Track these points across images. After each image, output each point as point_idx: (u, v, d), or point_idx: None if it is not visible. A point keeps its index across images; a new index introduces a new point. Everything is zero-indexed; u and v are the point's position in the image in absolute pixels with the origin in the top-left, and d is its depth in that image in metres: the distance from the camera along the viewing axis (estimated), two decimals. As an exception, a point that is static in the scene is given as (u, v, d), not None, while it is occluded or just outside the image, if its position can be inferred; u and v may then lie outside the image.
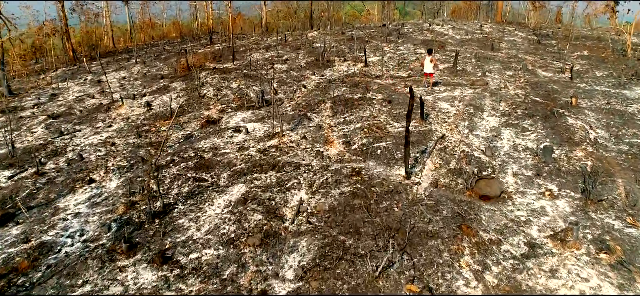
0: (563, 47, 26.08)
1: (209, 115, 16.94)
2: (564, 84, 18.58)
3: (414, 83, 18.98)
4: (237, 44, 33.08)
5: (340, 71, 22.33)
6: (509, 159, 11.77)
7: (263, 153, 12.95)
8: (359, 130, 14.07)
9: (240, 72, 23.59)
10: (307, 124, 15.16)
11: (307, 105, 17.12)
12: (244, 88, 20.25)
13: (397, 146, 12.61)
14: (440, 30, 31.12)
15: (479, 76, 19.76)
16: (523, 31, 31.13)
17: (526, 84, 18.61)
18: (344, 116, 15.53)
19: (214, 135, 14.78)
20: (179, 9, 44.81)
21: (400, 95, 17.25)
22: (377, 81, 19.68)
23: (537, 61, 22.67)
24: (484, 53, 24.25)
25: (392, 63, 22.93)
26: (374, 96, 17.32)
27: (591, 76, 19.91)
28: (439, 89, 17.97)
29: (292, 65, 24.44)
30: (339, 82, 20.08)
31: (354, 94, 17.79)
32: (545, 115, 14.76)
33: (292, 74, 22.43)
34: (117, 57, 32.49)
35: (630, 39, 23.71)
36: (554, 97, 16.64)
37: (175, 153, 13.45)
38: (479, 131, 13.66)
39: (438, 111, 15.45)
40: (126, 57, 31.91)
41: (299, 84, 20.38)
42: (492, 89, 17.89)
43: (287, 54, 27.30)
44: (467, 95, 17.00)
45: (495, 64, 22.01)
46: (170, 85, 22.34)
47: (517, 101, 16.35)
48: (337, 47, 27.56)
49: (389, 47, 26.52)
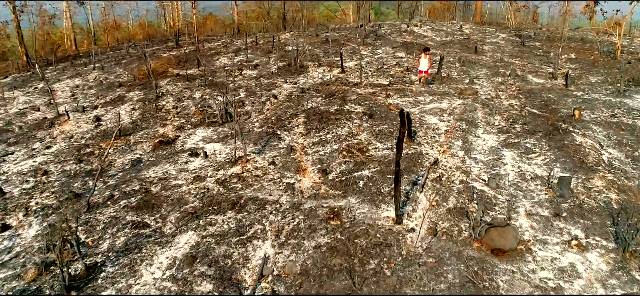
0: (548, 49, 24.15)
1: (164, 133, 14.34)
2: (560, 92, 16.52)
3: (396, 92, 16.70)
4: (205, 47, 30.36)
5: (315, 77, 19.92)
6: (517, 192, 9.53)
7: (222, 185, 10.47)
8: (337, 153, 11.70)
9: (206, 79, 20.98)
10: (276, 144, 12.72)
11: (277, 120, 14.67)
12: (207, 99, 17.69)
13: (383, 175, 10.28)
14: (419, 31, 28.92)
15: (467, 84, 17.58)
16: (504, 32, 29.15)
17: (519, 92, 16.49)
18: (319, 134, 13.13)
19: (167, 160, 12.23)
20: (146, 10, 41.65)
21: (382, 107, 14.93)
22: (355, 89, 17.33)
23: (525, 65, 20.63)
24: (468, 56, 22.12)
25: (370, 68, 20.61)
26: (352, 108, 14.97)
27: (586, 82, 17.92)
28: (425, 100, 15.71)
29: (262, 71, 21.93)
30: (313, 91, 17.67)
31: (331, 105, 15.42)
32: (548, 131, 12.61)
33: (262, 81, 19.93)
34: (75, 62, 29.46)
35: (620, 41, 21.87)
36: (552, 109, 14.53)
37: (117, 185, 10.86)
38: (476, 153, 11.42)
39: (426, 127, 13.17)
40: (86, 61, 28.89)
41: (268, 93, 17.90)
42: (483, 99, 15.71)
43: (257, 59, 24.75)
44: (457, 107, 14.77)
45: (481, 69, 19.88)
46: (126, 95, 19.60)
47: (513, 113, 14.18)
48: (312, 51, 25.12)
49: (367, 51, 24.21)
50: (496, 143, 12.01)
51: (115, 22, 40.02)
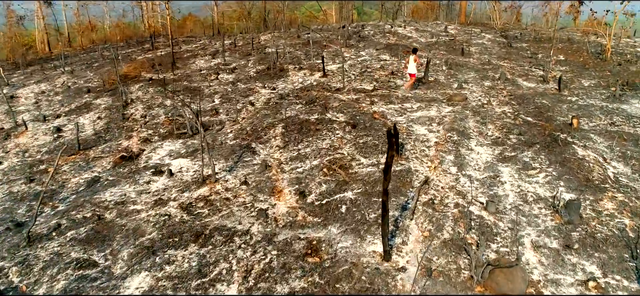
0: (536, 50, 23.10)
1: (128, 147, 12.88)
2: (553, 97, 15.39)
3: (381, 98, 15.42)
4: (182, 49, 28.81)
5: (295, 82, 18.56)
6: (520, 218, 8.29)
7: (187, 211, 9.08)
8: (317, 170, 10.37)
9: (180, 84, 19.50)
10: (250, 160, 11.35)
11: (252, 130, 13.29)
12: (180, 106, 16.24)
13: (369, 197, 8.98)
14: (403, 32, 27.69)
15: (455, 89, 16.38)
16: (490, 33, 28.08)
17: (510, 98, 15.32)
18: (298, 148, 11.79)
19: (127, 179, 10.78)
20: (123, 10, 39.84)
21: (366, 116, 13.64)
22: (337, 95, 16.02)
23: (514, 68, 19.51)
24: (454, 59, 20.94)
25: (353, 72, 19.32)
26: (334, 117, 13.66)
27: (578, 86, 16.84)
28: (412, 107, 14.45)
29: (240, 75, 20.50)
30: (293, 97, 16.31)
31: (311, 114, 14.08)
32: (547, 143, 11.43)
33: (239, 86, 18.52)
34: (46, 66, 27.65)
35: (610, 42, 20.88)
36: (548, 116, 13.38)
37: (66, 212, 9.40)
38: (470, 170, 10.18)
39: (415, 138, 11.91)
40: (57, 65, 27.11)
41: (245, 100, 16.50)
42: (473, 105, 14.51)
43: (235, 61, 23.30)
44: (446, 115, 13.55)
45: (469, 72, 18.71)
46: (94, 102, 18.04)
47: (507, 122, 13.00)
48: (292, 53, 23.75)
49: (350, 53, 22.91)
50: (491, 157, 10.79)
51: (90, 23, 38.10)
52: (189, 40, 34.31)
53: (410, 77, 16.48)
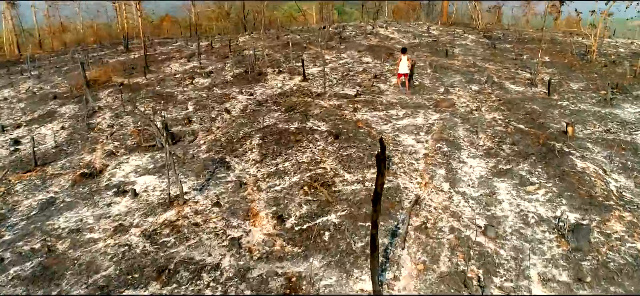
0: (520, 51, 22.39)
1: (90, 162, 11.67)
2: (543, 102, 14.60)
3: (365, 104, 14.45)
4: (157, 51, 27.48)
5: (274, 87, 17.49)
6: (523, 244, 7.38)
7: (150, 239, 7.97)
8: (297, 188, 9.34)
9: (152, 89, 18.28)
10: (224, 176, 10.26)
11: (227, 142, 12.19)
12: (150, 114, 15.04)
13: (354, 222, 7.98)
14: (385, 33, 26.78)
15: (442, 94, 15.49)
16: (472, 34, 27.34)
17: (499, 103, 14.49)
18: (276, 162, 10.74)
19: (86, 201, 9.60)
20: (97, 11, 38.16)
21: (349, 124, 12.65)
22: (318, 101, 15.00)
23: (500, 70, 18.72)
24: (438, 61, 20.08)
25: (335, 76, 18.32)
26: (316, 126, 12.63)
27: (567, 89, 16.10)
28: (398, 114, 13.50)
29: (216, 79, 19.34)
30: (271, 104, 15.24)
31: (291, 122, 13.04)
32: (543, 153, 10.58)
33: (215, 92, 17.37)
34: (12, 70, 26.06)
35: (596, 44, 20.26)
36: (540, 124, 12.55)
37: (13, 242, 8.20)
38: (464, 186, 9.25)
39: (402, 150, 10.95)
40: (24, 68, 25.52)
41: (221, 107, 15.37)
42: (461, 112, 13.62)
43: (212, 65, 22.12)
44: (434, 123, 12.63)
45: (455, 76, 17.85)
46: (59, 110, 16.73)
47: (498, 130, 12.13)
48: (271, 56, 22.65)
49: (331, 55, 21.90)
50: (486, 171, 9.88)
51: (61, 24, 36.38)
52: (166, 42, 32.93)
53: (399, 77, 16.21)
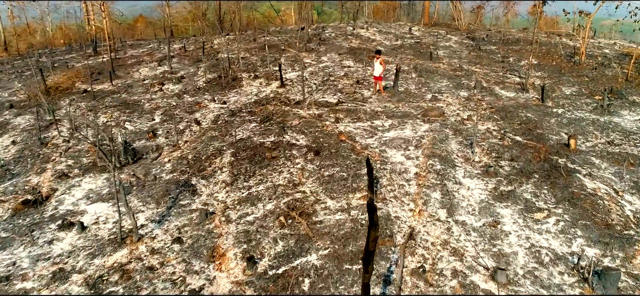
0: (505, 53, 21.34)
1: (37, 185, 10.09)
2: (537, 109, 13.48)
3: (347, 114, 13.12)
4: (127, 54, 25.71)
5: (249, 93, 16.05)
6: (539, 290, 6.13)
7: (94, 289, 6.50)
8: (272, 218, 7.95)
9: (118, 96, 16.66)
10: (187, 204, 8.81)
11: (195, 159, 10.73)
12: (112, 126, 13.48)
13: (339, 264, 6.64)
14: (366, 34, 25.49)
15: (430, 101, 14.25)
16: (455, 35, 26.26)
17: (491, 111, 13.31)
18: (249, 184, 9.33)
19: (24, 238, 8.05)
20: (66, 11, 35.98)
21: (331, 138, 11.30)
22: (297, 110, 13.62)
23: (488, 74, 17.60)
24: (423, 64, 18.88)
25: (315, 81, 16.95)
26: (294, 140, 11.26)
27: (561, 95, 15.03)
28: (384, 125, 12.20)
29: (187, 85, 17.80)
30: (245, 113, 13.82)
31: (266, 135, 11.64)
32: (546, 171, 9.39)
33: (186, 99, 15.86)
34: (-30, 75, 24.02)
35: (584, 45, 19.29)
36: (538, 135, 11.40)
37: None
38: (463, 213, 7.99)
39: (391, 169, 9.64)
40: (-17, 74, 23.52)
41: (190, 117, 13.89)
42: (452, 122, 12.39)
43: (184, 69, 20.54)
44: (424, 135, 11.36)
45: (441, 80, 16.65)
46: (13, 120, 15.00)
47: (494, 143, 10.92)
48: (247, 59, 21.17)
49: (310, 58, 20.54)
50: (486, 194, 8.63)
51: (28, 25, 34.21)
52: (138, 44, 31.09)
53: (374, 80, 14.97)
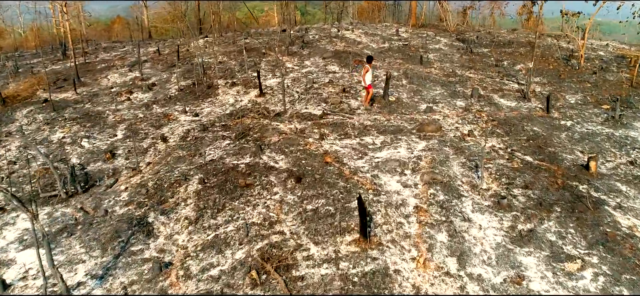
0: (499, 56, 19.88)
1: (-39, 225, 8.26)
2: (544, 122, 11.99)
3: (333, 129, 11.48)
4: (98, 58, 23.70)
5: (225, 103, 14.32)
6: None
7: None
8: (242, 273, 6.27)
9: (81, 107, 14.81)
10: (140, 250, 7.07)
11: (156, 188, 8.98)
12: (69, 143, 11.66)
13: (326, 348, 4.98)
14: (351, 36, 23.82)
15: (424, 112, 12.66)
16: (445, 36, 24.73)
17: (493, 124, 11.76)
18: (217, 222, 7.63)
19: None
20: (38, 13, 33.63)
21: (315, 159, 9.64)
22: (277, 124, 11.94)
23: (484, 80, 16.08)
24: (413, 69, 17.29)
25: (297, 89, 15.26)
26: (272, 162, 9.57)
27: (565, 104, 13.57)
28: (375, 143, 10.57)
29: (158, 93, 16.00)
30: (219, 127, 12.09)
31: (241, 156, 9.94)
32: (568, 202, 7.86)
33: (155, 110, 14.07)
34: None
35: (584, 48, 17.88)
36: (551, 155, 9.88)
37: None
38: (477, 264, 6.38)
39: (386, 201, 8.01)
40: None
41: (157, 133, 12.12)
42: (451, 137, 10.81)
43: (156, 75, 18.69)
44: (421, 155, 9.75)
45: (435, 87, 15.07)
46: (-43, 137, 13.06)
47: (502, 165, 9.36)
48: (225, 64, 19.39)
49: (293, 62, 18.83)
50: (501, 235, 7.05)
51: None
52: (113, 46, 29.03)
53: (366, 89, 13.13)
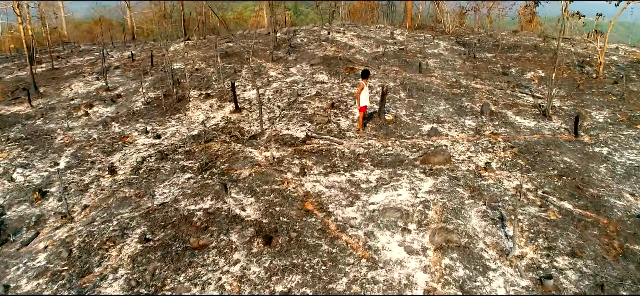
0: (505, 62, 17.57)
1: None
2: (574, 149, 9.69)
3: (318, 159, 9.13)
4: (68, 64, 21.17)
5: (194, 121, 11.95)
6: None
7: None
8: None
9: (31, 124, 12.41)
10: None
11: (82, 249, 6.60)
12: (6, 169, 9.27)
13: None
14: (343, 40, 21.42)
15: (427, 135, 10.31)
16: (444, 39, 22.38)
17: (513, 152, 9.44)
18: (148, 315, 5.28)
19: None
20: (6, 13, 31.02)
21: (293, 206, 7.30)
22: (250, 151, 9.59)
23: (493, 92, 13.75)
24: (412, 78, 14.94)
25: (279, 103, 12.88)
26: (238, 207, 7.22)
27: (593, 124, 11.27)
28: (369, 180, 8.22)
29: (121, 108, 13.61)
30: (181, 154, 9.72)
31: (201, 197, 7.59)
32: (638, 280, 5.58)
33: (112, 129, 11.70)
34: None
35: (603, 54, 15.58)
36: (593, 198, 7.58)
37: None
38: None
39: (385, 281, 5.68)
40: None
41: (107, 160, 9.74)
42: (464, 172, 8.48)
43: (125, 84, 16.27)
44: (429, 200, 7.42)
45: (438, 102, 12.74)
46: None
47: (534, 215, 7.05)
48: (203, 71, 16.99)
49: (277, 70, 16.45)
50: (555, 346, 4.76)
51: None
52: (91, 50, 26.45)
53: (360, 111, 10.52)
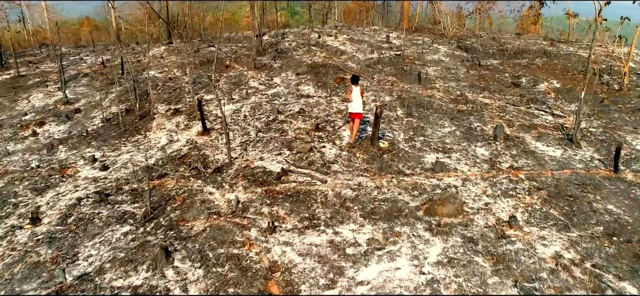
0: (513, 70, 15.43)
1: None
2: (617, 190, 7.59)
3: (293, 205, 7.01)
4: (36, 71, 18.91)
5: (154, 146, 9.79)
6: None
7: None
8: None
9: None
10: None
11: None
12: None
13: None
14: (334, 44, 19.23)
15: (432, 170, 8.17)
16: (443, 43, 20.22)
17: (541, 197, 7.31)
18: None
19: None
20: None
21: (254, 284, 5.16)
22: (211, 191, 7.45)
23: (505, 108, 11.62)
24: (411, 91, 12.80)
25: (255, 122, 10.72)
26: (179, 287, 5.09)
27: (633, 152, 9.16)
28: (358, 243, 6.09)
29: (76, 126, 11.46)
30: (126, 195, 7.57)
31: (133, 268, 5.45)
32: None
33: (56, 156, 9.53)
34: None
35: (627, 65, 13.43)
36: (660, 273, 5.49)
37: None
38: None
39: None
40: None
41: (33, 201, 7.58)
42: (481, 228, 6.37)
43: (88, 95, 14.12)
44: (440, 281, 5.30)
45: (442, 121, 10.59)
46: None
47: (585, 305, 4.97)
48: (177, 80, 14.83)
49: (258, 79, 14.28)
50: None
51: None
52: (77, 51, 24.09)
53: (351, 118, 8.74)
